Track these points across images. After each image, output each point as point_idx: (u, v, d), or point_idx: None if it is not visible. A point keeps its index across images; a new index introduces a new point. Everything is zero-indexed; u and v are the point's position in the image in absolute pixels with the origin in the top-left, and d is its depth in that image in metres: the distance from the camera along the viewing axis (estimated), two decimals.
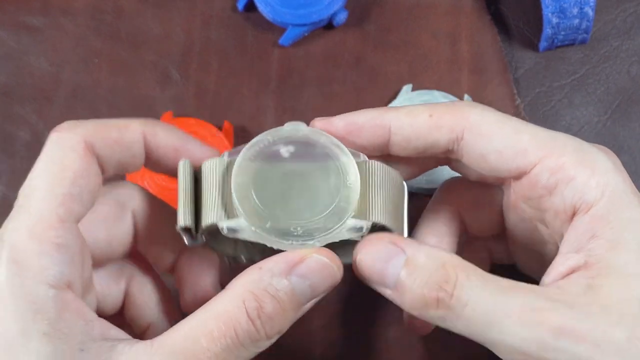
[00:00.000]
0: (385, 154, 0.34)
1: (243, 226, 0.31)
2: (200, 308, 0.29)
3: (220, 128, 0.45)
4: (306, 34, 0.48)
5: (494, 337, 0.28)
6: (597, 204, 0.30)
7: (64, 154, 0.30)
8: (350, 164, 0.32)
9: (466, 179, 0.36)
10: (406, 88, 0.46)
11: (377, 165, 0.32)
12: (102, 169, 0.32)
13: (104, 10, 0.50)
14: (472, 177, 0.35)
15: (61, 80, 0.48)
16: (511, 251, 0.37)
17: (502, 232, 0.36)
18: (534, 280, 0.34)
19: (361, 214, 0.32)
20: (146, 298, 0.35)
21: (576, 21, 0.46)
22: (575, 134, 0.45)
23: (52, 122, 0.47)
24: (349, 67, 0.48)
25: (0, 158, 0.46)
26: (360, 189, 0.32)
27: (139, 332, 0.35)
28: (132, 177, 0.43)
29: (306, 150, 0.32)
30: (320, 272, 0.30)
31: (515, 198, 0.33)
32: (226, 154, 0.33)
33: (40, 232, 0.28)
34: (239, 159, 0.32)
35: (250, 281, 0.29)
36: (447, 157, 0.34)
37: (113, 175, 0.33)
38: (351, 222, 0.31)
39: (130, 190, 0.34)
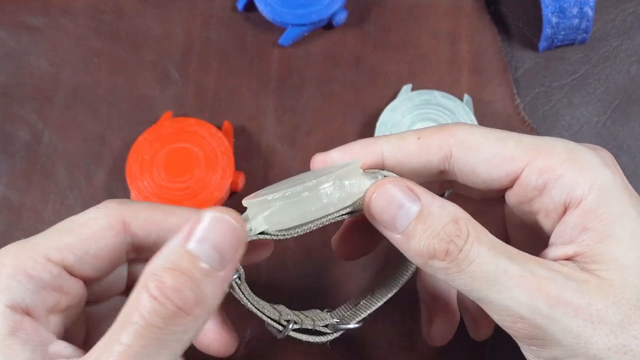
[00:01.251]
0: None
1: None
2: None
3: (220, 128, 0.45)
4: (306, 34, 0.48)
5: (492, 296, 0.29)
6: (586, 198, 0.30)
7: (95, 215, 0.32)
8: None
9: (465, 198, 0.36)
10: (406, 88, 0.46)
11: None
12: (138, 249, 0.33)
13: (104, 10, 0.50)
14: (474, 196, 0.35)
15: (61, 80, 0.48)
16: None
17: (506, 241, 0.36)
18: None
19: None
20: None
21: (576, 21, 0.46)
22: (575, 133, 0.46)
23: (52, 122, 0.47)
24: (349, 67, 0.48)
25: (0, 158, 0.46)
26: None
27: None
28: (132, 177, 0.43)
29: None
30: (218, 229, 0.28)
31: (510, 206, 0.34)
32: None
33: (22, 259, 0.30)
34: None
35: (151, 265, 0.28)
36: (446, 180, 0.34)
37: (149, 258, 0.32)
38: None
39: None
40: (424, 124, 0.44)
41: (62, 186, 0.45)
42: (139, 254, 0.33)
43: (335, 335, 0.35)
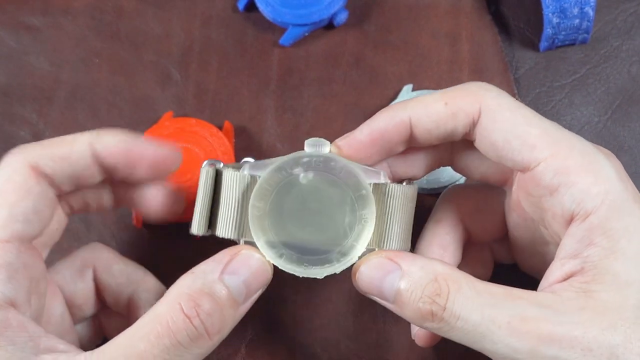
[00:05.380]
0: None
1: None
2: (141, 317, 0.30)
3: (220, 128, 0.45)
4: (306, 34, 0.48)
5: (488, 347, 0.29)
6: (595, 211, 0.30)
7: (7, 177, 0.32)
8: (367, 197, 0.32)
9: (467, 187, 0.36)
10: (406, 88, 0.46)
11: (396, 189, 0.33)
12: (57, 187, 0.33)
13: (104, 10, 0.50)
14: (474, 176, 0.35)
15: (61, 80, 0.48)
16: (513, 252, 0.37)
17: (504, 234, 0.36)
18: (535, 279, 0.34)
19: (375, 240, 0.33)
20: (115, 280, 0.36)
21: (576, 21, 0.46)
22: (576, 133, 0.45)
23: (52, 122, 0.47)
24: (349, 67, 0.48)
25: (1, 158, 0.45)
26: (377, 211, 0.32)
27: (124, 312, 0.36)
28: None
29: (326, 177, 0.33)
30: (251, 266, 0.31)
31: (517, 193, 0.33)
32: (247, 167, 0.33)
33: None
34: (259, 183, 0.33)
35: (185, 284, 0.30)
36: (451, 157, 0.35)
37: (70, 190, 0.34)
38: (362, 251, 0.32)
39: (91, 251, 0.36)
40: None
41: None
42: (59, 189, 0.33)
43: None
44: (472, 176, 0.35)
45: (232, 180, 0.33)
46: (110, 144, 0.33)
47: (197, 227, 0.34)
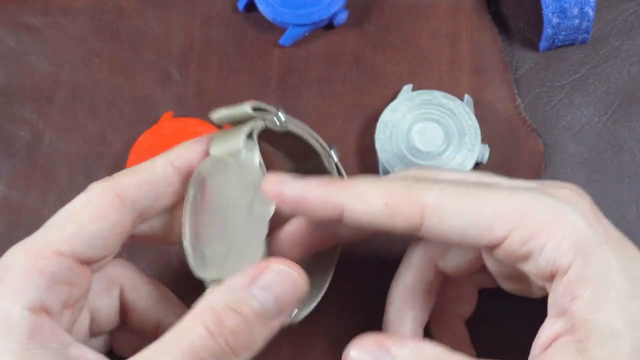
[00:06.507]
0: None
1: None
2: (167, 331, 0.29)
3: (220, 128, 0.45)
4: (306, 34, 0.48)
5: None
6: (571, 266, 0.29)
7: (89, 198, 0.32)
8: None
9: None
10: (406, 88, 0.46)
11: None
12: (141, 214, 0.33)
13: (104, 10, 0.50)
14: (449, 273, 0.35)
15: (61, 80, 0.48)
16: (495, 279, 0.37)
17: (481, 266, 0.36)
18: (523, 299, 0.35)
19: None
20: (144, 302, 0.36)
21: (576, 21, 0.46)
22: (576, 133, 0.46)
23: (52, 122, 0.47)
24: (349, 67, 0.48)
25: (1, 158, 0.45)
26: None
27: (150, 335, 0.35)
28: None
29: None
30: (283, 281, 0.29)
31: (491, 260, 0.33)
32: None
33: (31, 258, 0.30)
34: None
35: (211, 299, 0.29)
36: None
37: (155, 214, 0.34)
38: None
39: (120, 269, 0.36)
40: (425, 124, 0.44)
41: (62, 186, 0.45)
42: (143, 216, 0.34)
43: None
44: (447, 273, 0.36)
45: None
46: (187, 153, 0.34)
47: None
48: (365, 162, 0.45)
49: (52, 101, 0.47)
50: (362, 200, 0.31)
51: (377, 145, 0.44)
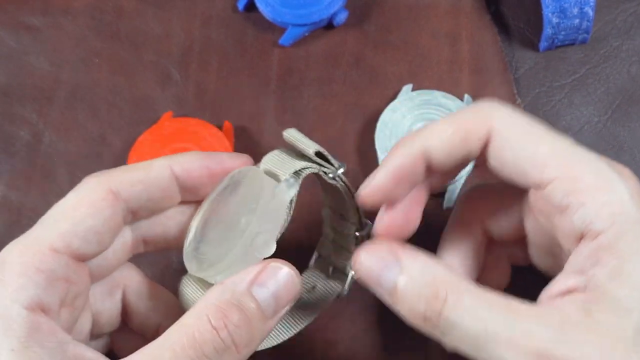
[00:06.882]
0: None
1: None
2: (169, 328, 0.29)
3: (220, 128, 0.45)
4: (306, 34, 0.48)
5: (481, 356, 0.29)
6: (605, 232, 0.29)
7: (82, 194, 0.32)
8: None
9: (487, 188, 0.36)
10: (406, 88, 0.46)
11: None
12: (133, 212, 0.33)
13: (104, 10, 0.50)
14: (498, 177, 0.35)
15: (61, 80, 0.48)
16: (530, 252, 0.37)
17: (522, 237, 0.36)
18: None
19: None
20: (146, 304, 0.36)
21: (576, 21, 0.46)
22: (576, 133, 0.46)
23: (52, 122, 0.47)
24: (349, 67, 0.48)
25: (1, 158, 0.45)
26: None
27: (151, 337, 0.35)
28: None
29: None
30: (280, 279, 0.30)
31: (531, 207, 0.33)
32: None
33: (28, 256, 0.30)
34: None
35: (213, 296, 0.29)
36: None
37: (147, 215, 0.34)
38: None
39: (124, 271, 0.36)
40: (425, 124, 0.44)
41: (62, 186, 0.45)
42: (136, 215, 0.34)
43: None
44: (496, 177, 0.35)
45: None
46: (188, 163, 0.33)
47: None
48: (366, 162, 0.45)
49: (52, 101, 0.47)
50: (435, 135, 0.32)
51: (377, 145, 0.44)
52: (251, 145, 0.46)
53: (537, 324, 0.28)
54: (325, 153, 0.33)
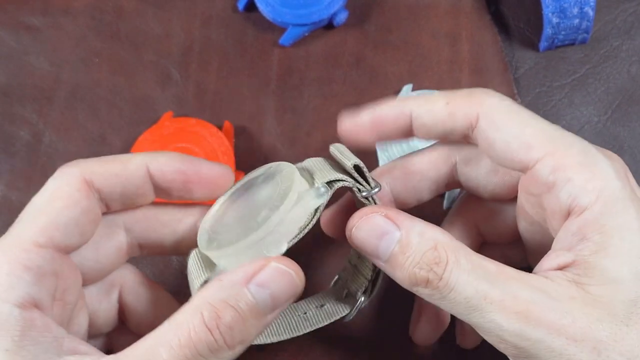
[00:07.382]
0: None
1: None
2: (164, 322, 0.29)
3: (220, 128, 0.45)
4: (306, 34, 0.48)
5: (475, 320, 0.29)
6: (590, 207, 0.30)
7: (57, 186, 0.32)
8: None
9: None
10: (406, 88, 0.46)
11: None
12: (106, 204, 0.33)
13: (104, 10, 0.50)
14: (485, 195, 0.35)
15: (61, 80, 0.48)
16: (526, 254, 0.37)
17: (517, 238, 0.37)
18: None
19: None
20: (143, 304, 0.36)
21: (576, 21, 0.46)
22: (576, 133, 0.45)
23: (52, 122, 0.47)
24: (349, 67, 0.48)
25: (1, 158, 0.45)
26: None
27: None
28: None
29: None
30: (280, 280, 0.30)
31: (521, 198, 0.34)
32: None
33: (13, 254, 0.30)
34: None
35: (209, 294, 0.29)
36: (457, 180, 0.35)
37: (119, 209, 0.34)
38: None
39: (121, 270, 0.36)
40: None
41: None
42: (109, 207, 0.33)
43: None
44: (482, 195, 0.36)
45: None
46: (165, 164, 0.33)
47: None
48: (366, 162, 0.45)
49: (52, 101, 0.47)
50: (426, 101, 0.34)
51: (377, 145, 0.44)
52: (251, 145, 0.46)
53: (531, 290, 0.29)
54: (365, 170, 0.33)
